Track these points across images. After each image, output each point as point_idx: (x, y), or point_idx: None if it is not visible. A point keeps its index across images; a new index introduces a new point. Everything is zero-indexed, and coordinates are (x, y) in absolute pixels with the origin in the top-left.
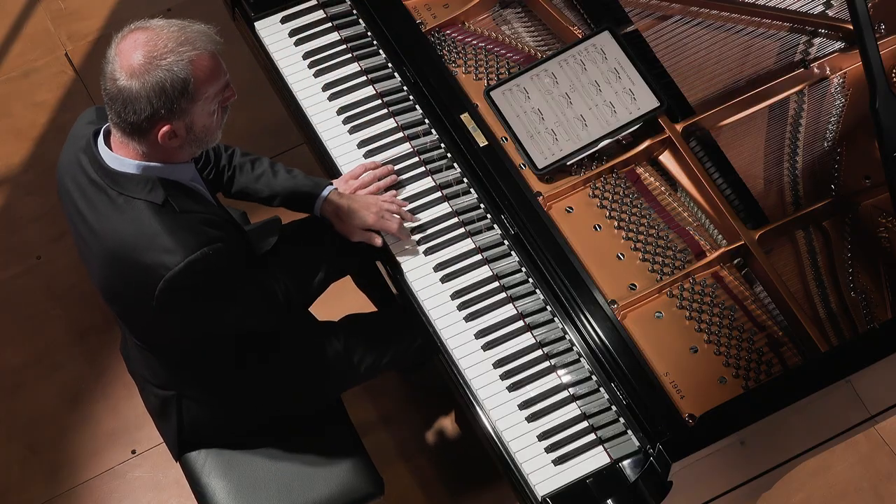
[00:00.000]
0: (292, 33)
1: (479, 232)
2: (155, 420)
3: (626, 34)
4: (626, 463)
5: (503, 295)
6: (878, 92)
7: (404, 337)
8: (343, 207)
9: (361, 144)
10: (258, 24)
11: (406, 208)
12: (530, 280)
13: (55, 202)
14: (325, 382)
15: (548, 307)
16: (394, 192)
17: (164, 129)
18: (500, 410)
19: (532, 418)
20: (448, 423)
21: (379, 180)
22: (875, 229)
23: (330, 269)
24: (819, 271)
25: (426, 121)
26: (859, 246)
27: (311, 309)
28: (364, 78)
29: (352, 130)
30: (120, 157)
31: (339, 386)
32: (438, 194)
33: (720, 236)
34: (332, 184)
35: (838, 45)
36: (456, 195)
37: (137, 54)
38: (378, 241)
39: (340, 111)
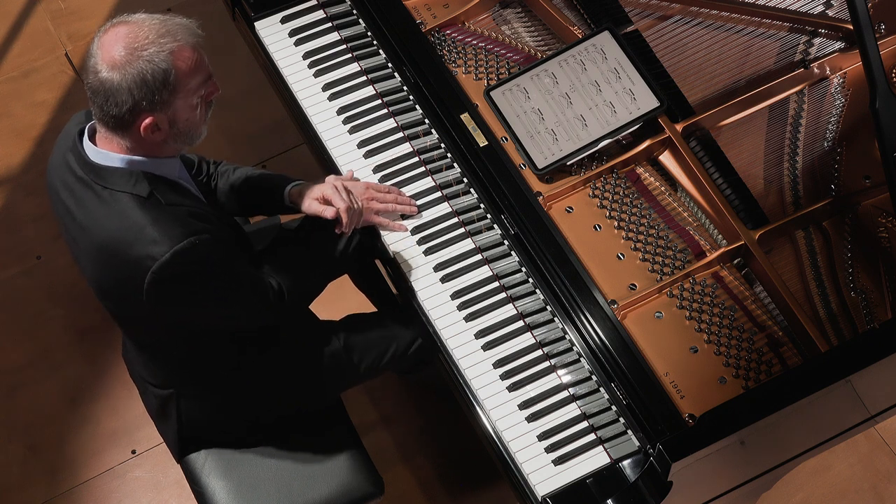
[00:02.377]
0: (292, 33)
1: (479, 232)
2: (155, 421)
3: (626, 34)
4: (626, 463)
5: (503, 295)
6: (878, 92)
7: (404, 337)
8: (307, 185)
9: (361, 144)
10: (258, 24)
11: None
12: (530, 280)
13: None
14: (324, 382)
15: (548, 307)
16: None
17: (147, 121)
18: (500, 410)
19: (532, 418)
20: (448, 423)
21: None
22: (875, 229)
23: (328, 268)
24: (819, 271)
25: (426, 121)
26: (859, 246)
27: (310, 308)
28: (364, 78)
29: (352, 130)
30: (104, 151)
31: (339, 385)
32: (438, 194)
33: (720, 236)
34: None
35: (838, 45)
36: (456, 195)
37: (118, 47)
38: (329, 212)
39: (340, 111)
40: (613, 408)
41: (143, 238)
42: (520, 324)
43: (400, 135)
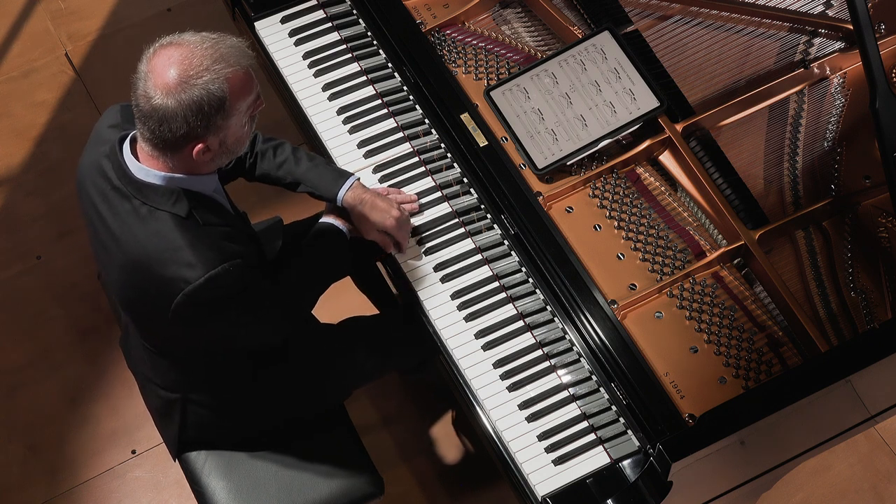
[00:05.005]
0: (292, 33)
1: (479, 232)
2: (155, 418)
3: (626, 34)
4: (626, 463)
5: (503, 295)
6: (878, 92)
7: (405, 338)
8: (367, 200)
9: (361, 144)
10: (258, 24)
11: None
12: (530, 280)
13: (55, 202)
14: (328, 386)
15: (548, 307)
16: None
17: (199, 146)
18: (500, 410)
19: (532, 418)
20: (448, 424)
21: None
22: (875, 229)
23: (338, 278)
24: (819, 271)
25: (426, 121)
26: (859, 246)
27: (312, 311)
28: (364, 78)
29: (352, 130)
30: (146, 168)
31: (343, 389)
32: (438, 194)
33: (720, 236)
34: (355, 174)
35: (838, 45)
36: (456, 195)
37: (172, 72)
38: (391, 248)
39: (340, 111)
40: (613, 408)
41: (177, 259)
42: (520, 324)
43: (400, 135)
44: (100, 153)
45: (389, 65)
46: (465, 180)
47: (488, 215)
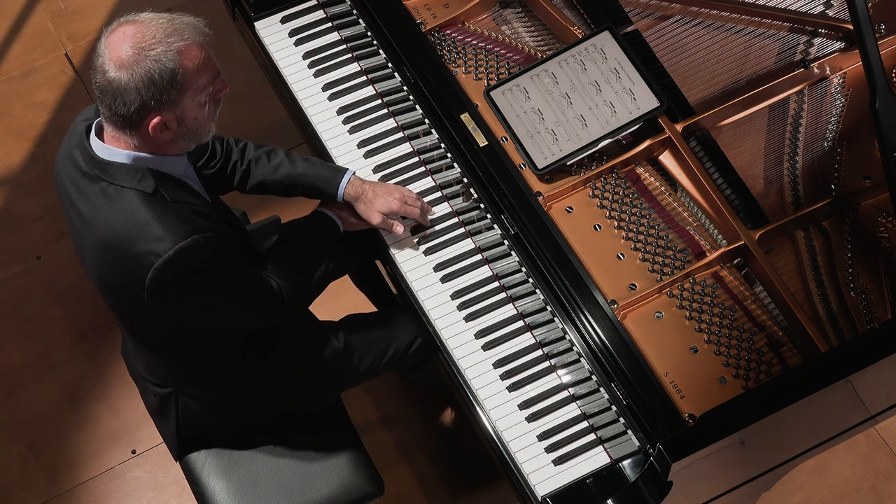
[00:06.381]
0: (292, 33)
1: (479, 232)
2: (155, 420)
3: (626, 34)
4: (626, 463)
5: (503, 295)
6: (878, 92)
7: (404, 337)
8: (367, 190)
9: (361, 144)
10: (258, 24)
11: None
12: (530, 280)
13: (55, 202)
14: (324, 382)
15: (548, 307)
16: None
17: (155, 120)
18: (500, 410)
19: (532, 418)
20: (448, 423)
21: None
22: (875, 229)
23: (329, 267)
24: (819, 271)
25: (426, 121)
26: (859, 246)
27: (310, 308)
28: (364, 78)
29: (352, 130)
30: (110, 147)
31: (339, 386)
32: (438, 194)
33: (720, 236)
34: (351, 169)
35: (838, 45)
36: (456, 195)
37: (126, 46)
38: (399, 228)
39: (340, 111)
40: (613, 408)
41: (146, 234)
42: (520, 324)
43: (400, 135)
44: (71, 144)
45: (389, 65)
46: (465, 180)
47: (488, 215)
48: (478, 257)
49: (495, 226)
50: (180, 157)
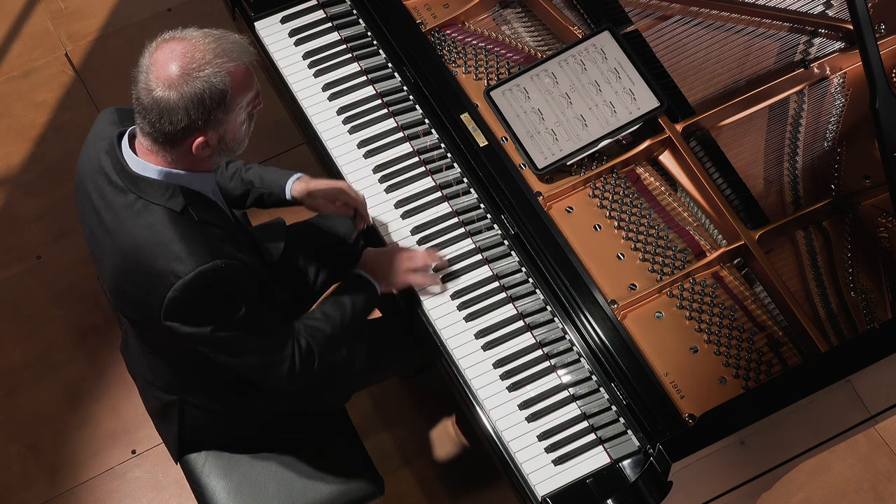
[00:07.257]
0: (292, 33)
1: (479, 232)
2: (155, 421)
3: (626, 34)
4: (626, 463)
5: (503, 295)
6: (878, 92)
7: (405, 340)
8: (312, 185)
9: (361, 144)
10: (258, 24)
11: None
12: (530, 280)
13: (55, 202)
14: (328, 390)
15: (548, 307)
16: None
17: (200, 140)
18: (500, 410)
19: (532, 418)
20: (448, 424)
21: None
22: (875, 229)
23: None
24: (819, 271)
25: (426, 121)
26: (859, 246)
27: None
28: (364, 78)
29: (352, 130)
30: (144, 161)
31: (344, 392)
32: (438, 194)
33: (720, 236)
34: (298, 173)
35: (838, 45)
36: (456, 195)
37: (174, 65)
38: (353, 215)
39: (340, 111)
40: (613, 408)
41: (167, 253)
42: (520, 324)
43: (400, 135)
44: (99, 149)
45: (389, 65)
46: (465, 180)
47: (488, 215)
48: (478, 257)
49: (495, 226)
50: (210, 173)
